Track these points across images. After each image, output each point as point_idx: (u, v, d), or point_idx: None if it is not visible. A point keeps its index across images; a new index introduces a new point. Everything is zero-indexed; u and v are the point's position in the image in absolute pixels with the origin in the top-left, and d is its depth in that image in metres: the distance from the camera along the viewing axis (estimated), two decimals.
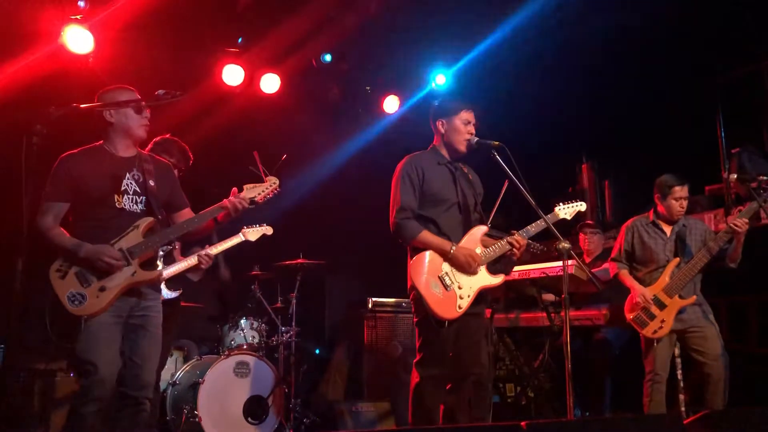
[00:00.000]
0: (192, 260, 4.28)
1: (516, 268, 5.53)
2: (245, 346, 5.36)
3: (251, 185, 3.53)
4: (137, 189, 3.42)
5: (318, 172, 7.27)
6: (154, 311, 3.43)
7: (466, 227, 3.84)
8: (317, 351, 6.81)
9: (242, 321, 5.52)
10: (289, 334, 5.66)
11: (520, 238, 3.78)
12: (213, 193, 4.14)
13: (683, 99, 6.47)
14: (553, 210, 4.07)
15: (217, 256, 4.42)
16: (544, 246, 4.24)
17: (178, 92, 3.04)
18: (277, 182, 3.56)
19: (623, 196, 6.91)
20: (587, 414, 5.44)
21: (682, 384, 4.84)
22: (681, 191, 4.70)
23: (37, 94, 5.36)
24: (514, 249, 3.78)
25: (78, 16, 5.70)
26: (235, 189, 3.54)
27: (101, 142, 3.46)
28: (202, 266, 4.28)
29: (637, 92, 6.63)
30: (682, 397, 4.86)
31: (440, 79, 7.20)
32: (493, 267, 3.84)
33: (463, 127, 3.89)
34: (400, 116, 7.46)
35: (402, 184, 3.81)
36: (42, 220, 3.30)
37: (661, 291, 4.57)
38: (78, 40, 5.70)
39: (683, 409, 4.83)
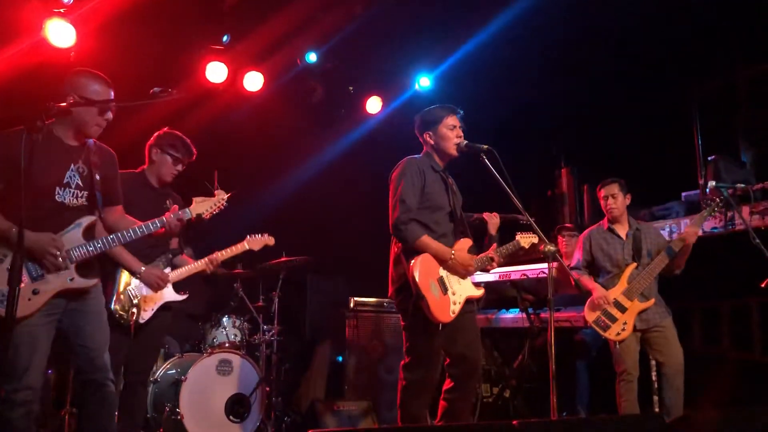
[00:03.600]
0: (199, 265, 4.26)
1: (496, 270, 5.63)
2: (227, 344, 5.35)
3: (200, 199, 3.52)
4: (80, 183, 3.20)
5: (300, 171, 7.28)
6: (92, 296, 3.25)
7: (455, 236, 3.93)
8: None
9: (224, 319, 5.51)
10: (271, 333, 5.67)
11: (496, 256, 3.98)
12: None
13: (661, 106, 6.61)
14: (515, 238, 4.29)
15: None
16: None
17: (173, 91, 3.02)
18: (226, 197, 3.55)
19: None
20: (564, 414, 5.53)
21: (656, 385, 4.96)
22: (603, 191, 4.94)
23: (19, 89, 5.30)
24: (493, 264, 4.01)
25: (61, 10, 5.65)
26: (176, 207, 3.54)
27: (51, 121, 3.19)
28: (208, 272, 4.28)
29: (616, 98, 6.75)
30: (656, 398, 4.99)
31: (424, 82, 7.27)
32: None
33: (450, 133, 3.94)
34: (383, 117, 7.50)
35: (407, 184, 3.79)
36: None
37: (621, 294, 4.69)
38: (60, 33, 5.64)
39: (657, 409, 4.95)
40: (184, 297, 4.24)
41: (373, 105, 7.44)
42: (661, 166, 6.53)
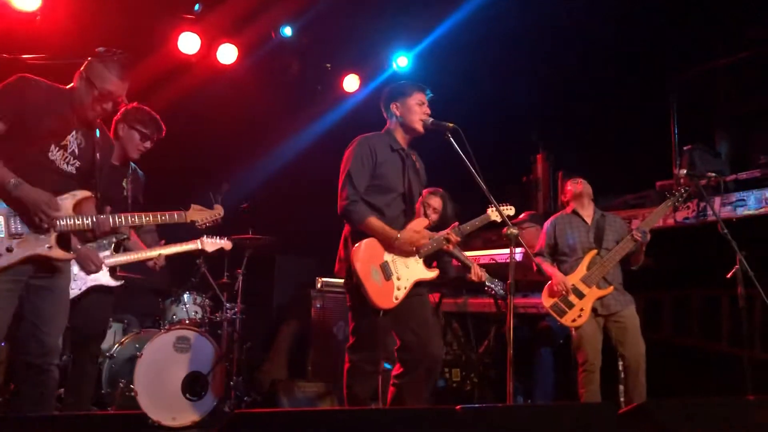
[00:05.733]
0: (142, 255, 4.16)
1: (466, 254, 5.54)
2: (187, 321, 5.23)
3: (199, 208, 3.50)
4: (76, 151, 3.10)
5: (274, 148, 7.15)
6: (60, 272, 3.13)
7: (408, 218, 3.84)
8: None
9: (185, 296, 5.38)
10: (233, 311, 5.55)
11: (454, 235, 3.94)
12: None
13: (638, 95, 6.55)
14: (486, 212, 4.31)
15: None
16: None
17: (119, 51, 2.86)
18: (222, 215, 3.58)
19: None
20: (529, 401, 5.48)
21: (622, 375, 4.91)
22: (570, 185, 4.98)
23: None
24: (450, 244, 3.99)
25: None
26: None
27: (71, 86, 3.13)
28: (155, 266, 4.20)
29: (593, 86, 6.71)
30: (621, 387, 4.94)
31: (402, 61, 7.16)
32: (429, 261, 3.90)
33: (418, 108, 3.84)
34: (360, 96, 7.36)
35: (355, 165, 3.70)
36: None
37: (579, 281, 4.65)
38: None
39: (622, 399, 4.90)
40: (118, 284, 4.09)
41: (351, 83, 7.31)
42: (636, 154, 6.48)
